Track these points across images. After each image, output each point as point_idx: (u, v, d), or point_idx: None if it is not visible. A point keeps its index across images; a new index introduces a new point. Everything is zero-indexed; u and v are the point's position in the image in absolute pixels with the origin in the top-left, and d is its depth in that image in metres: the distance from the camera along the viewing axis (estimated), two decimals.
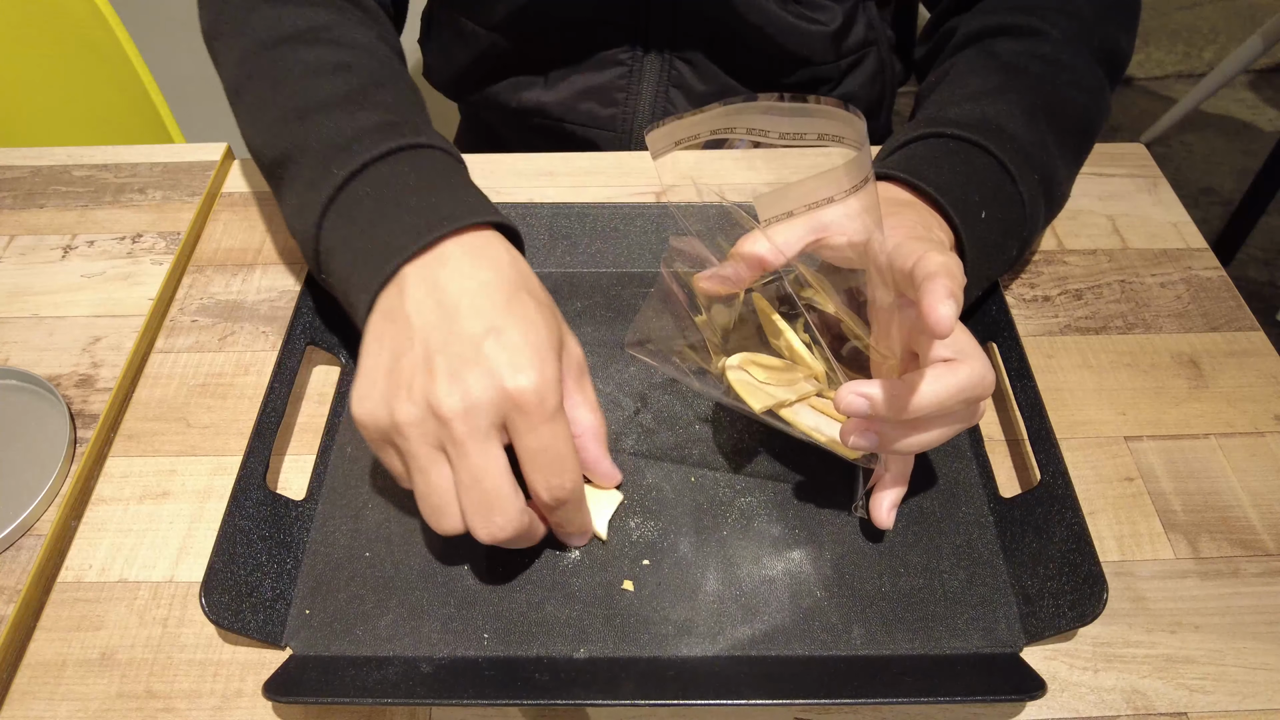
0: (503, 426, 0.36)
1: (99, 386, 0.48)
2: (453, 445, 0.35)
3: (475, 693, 0.36)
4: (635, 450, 0.46)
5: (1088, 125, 0.52)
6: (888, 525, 0.41)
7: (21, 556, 0.42)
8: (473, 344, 0.36)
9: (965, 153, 0.45)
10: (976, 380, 0.36)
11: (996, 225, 0.45)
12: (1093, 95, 0.51)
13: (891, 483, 0.41)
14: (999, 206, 0.45)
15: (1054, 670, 0.39)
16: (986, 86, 0.49)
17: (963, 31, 0.55)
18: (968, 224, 0.43)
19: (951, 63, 0.53)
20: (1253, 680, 0.39)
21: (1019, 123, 0.47)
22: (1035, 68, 0.50)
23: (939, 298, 0.33)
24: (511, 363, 0.35)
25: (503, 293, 0.38)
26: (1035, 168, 0.47)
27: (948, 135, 0.46)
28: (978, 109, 0.47)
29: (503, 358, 0.36)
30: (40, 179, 0.60)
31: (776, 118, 0.34)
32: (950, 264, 0.35)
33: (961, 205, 0.43)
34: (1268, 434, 0.47)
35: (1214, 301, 0.53)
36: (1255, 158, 1.50)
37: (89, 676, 0.39)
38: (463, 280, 0.38)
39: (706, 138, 0.35)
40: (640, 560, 0.42)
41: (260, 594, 0.39)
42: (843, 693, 0.36)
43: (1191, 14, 2.11)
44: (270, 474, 0.44)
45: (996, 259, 0.46)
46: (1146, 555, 0.42)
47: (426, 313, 0.37)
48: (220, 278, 0.55)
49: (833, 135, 0.33)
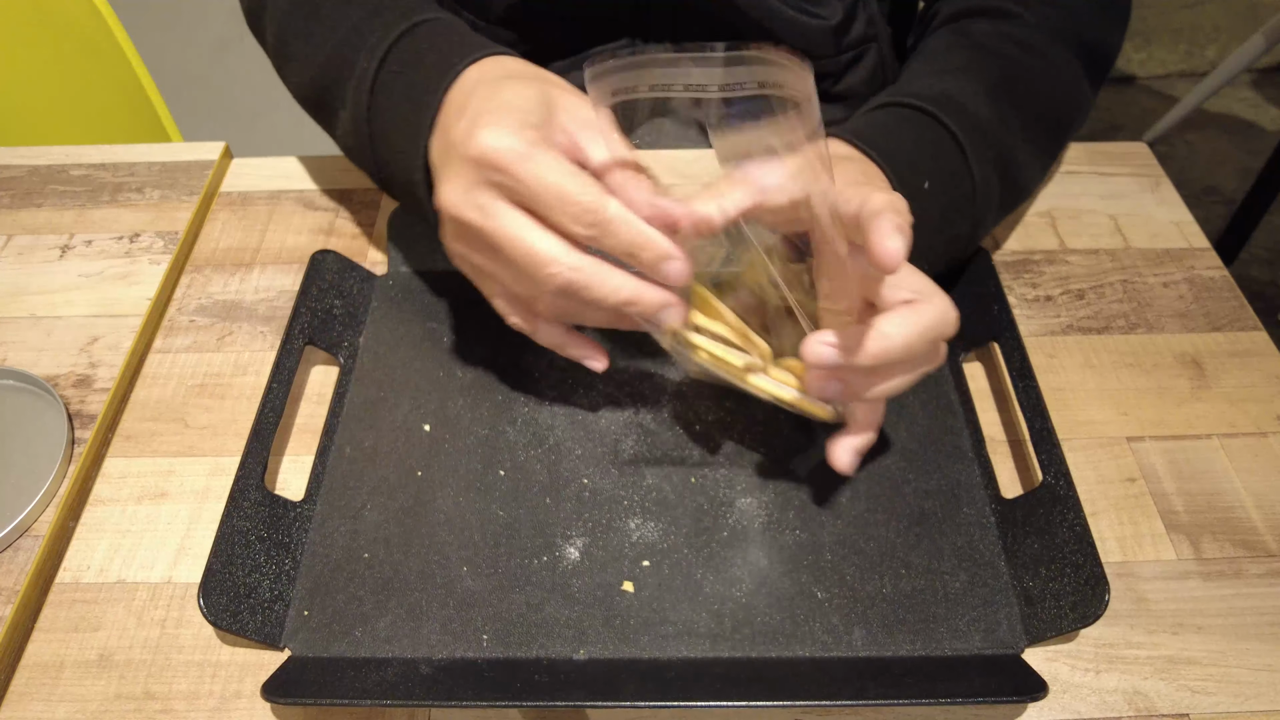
0: (508, 197, 0.37)
1: (97, 386, 0.48)
2: (479, 238, 0.38)
3: (474, 694, 0.36)
4: (635, 450, 0.46)
5: (1057, 114, 0.51)
6: (847, 470, 0.40)
7: (19, 557, 0.42)
8: (458, 143, 0.38)
9: (918, 122, 0.45)
10: (939, 317, 0.36)
11: (939, 198, 0.44)
12: (1066, 86, 0.51)
13: (858, 429, 0.40)
14: (945, 179, 0.45)
15: (1055, 671, 0.39)
16: (952, 64, 0.49)
17: (943, 14, 0.56)
18: (906, 192, 0.41)
19: (925, 42, 0.54)
20: (1255, 681, 0.38)
21: (980, 100, 0.47)
22: (1006, 49, 0.50)
23: (885, 233, 0.32)
24: (468, 134, 0.37)
25: (486, 91, 0.39)
26: (991, 145, 0.46)
27: (904, 105, 0.46)
28: (939, 83, 0.47)
29: (467, 137, 0.37)
30: (38, 178, 0.60)
31: (711, 69, 0.33)
32: (895, 200, 0.34)
33: (905, 172, 0.43)
34: (1270, 434, 0.47)
35: (1217, 301, 0.53)
36: (1258, 157, 1.50)
37: (87, 678, 0.39)
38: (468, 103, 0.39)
39: (645, 95, 0.35)
40: (640, 561, 0.42)
41: (259, 595, 0.39)
42: (843, 694, 0.36)
43: (1194, 12, 2.10)
44: (268, 475, 0.44)
45: (936, 235, 0.45)
46: (1148, 556, 0.42)
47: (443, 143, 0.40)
48: (218, 277, 0.55)
49: (774, 83, 0.32)
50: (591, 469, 0.45)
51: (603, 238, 0.36)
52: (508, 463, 0.45)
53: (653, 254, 0.36)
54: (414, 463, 0.45)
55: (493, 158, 0.36)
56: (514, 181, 0.36)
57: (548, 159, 0.36)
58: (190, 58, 1.05)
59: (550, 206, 0.36)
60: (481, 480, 0.44)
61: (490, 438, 0.46)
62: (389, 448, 0.46)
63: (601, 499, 0.44)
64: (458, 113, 0.39)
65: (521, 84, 0.39)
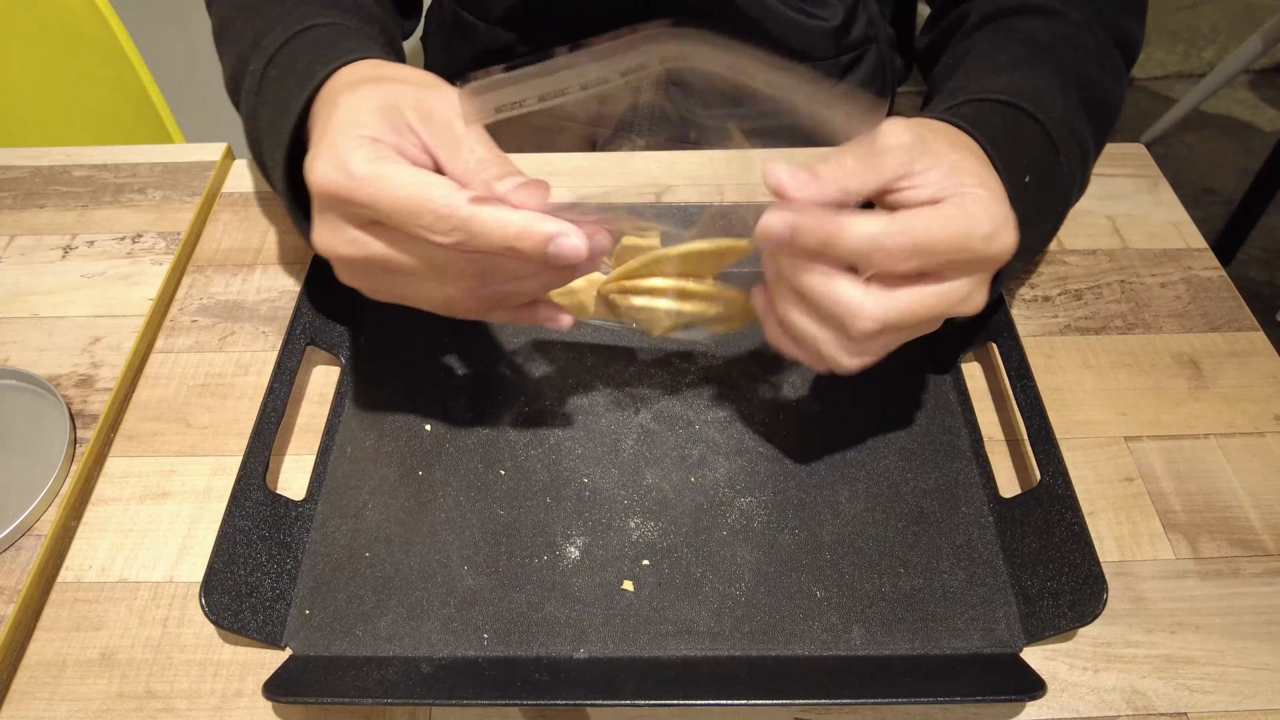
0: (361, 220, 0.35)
1: (99, 386, 0.48)
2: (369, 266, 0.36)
3: (475, 693, 0.36)
4: (635, 450, 0.46)
5: (1111, 107, 0.50)
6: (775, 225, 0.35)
7: (21, 557, 0.42)
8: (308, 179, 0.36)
9: (1012, 117, 0.43)
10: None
11: (1037, 193, 0.42)
12: (1114, 78, 0.50)
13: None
14: (1043, 175, 0.42)
15: (1054, 670, 0.39)
16: (1016, 59, 0.47)
17: (978, 13, 0.54)
18: (1013, 186, 0.38)
19: (971, 41, 0.52)
20: (1253, 680, 0.39)
21: (1055, 95, 0.45)
22: (1059, 45, 0.48)
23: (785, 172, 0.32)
24: (310, 167, 0.35)
25: (326, 110, 0.37)
26: (1076, 141, 0.45)
27: (991, 100, 0.43)
28: (1013, 80, 0.45)
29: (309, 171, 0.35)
30: (40, 179, 0.60)
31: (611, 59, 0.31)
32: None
33: (1009, 163, 0.40)
34: (1268, 434, 0.47)
35: (1214, 301, 0.53)
36: (1255, 157, 1.50)
37: (89, 677, 0.39)
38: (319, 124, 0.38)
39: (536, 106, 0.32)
40: (640, 560, 0.42)
41: (260, 594, 0.39)
42: (843, 693, 0.36)
43: (1192, 14, 2.10)
44: (270, 474, 0.44)
45: (1034, 230, 0.42)
46: (1146, 555, 0.42)
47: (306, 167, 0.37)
48: (220, 278, 0.55)
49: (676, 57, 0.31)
50: (591, 469, 0.45)
51: (473, 239, 0.33)
52: (508, 462, 0.45)
53: (533, 239, 0.33)
54: (415, 462, 0.45)
55: (333, 190, 0.34)
56: (362, 209, 0.34)
57: (389, 174, 0.33)
58: (192, 58, 1.05)
59: (405, 224, 0.34)
60: (482, 480, 0.45)
61: (490, 438, 0.46)
62: (390, 447, 0.46)
63: (601, 498, 0.44)
64: (318, 133, 0.37)
65: (360, 93, 0.36)
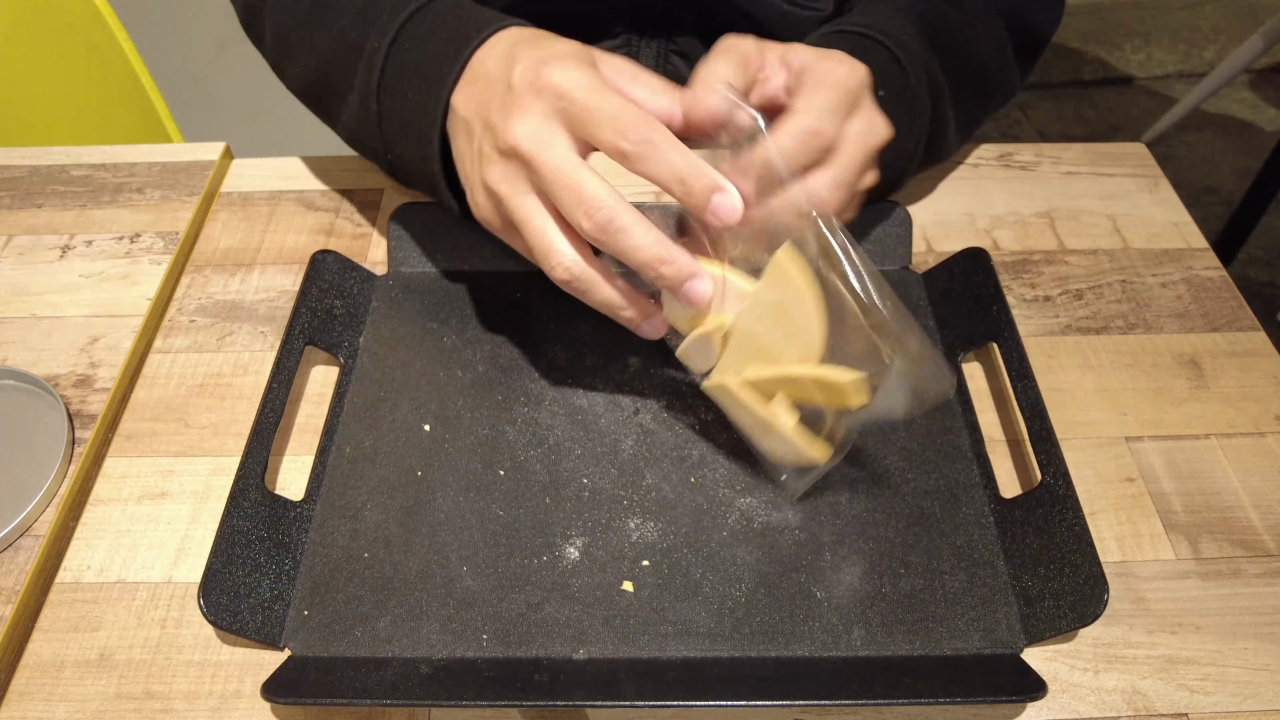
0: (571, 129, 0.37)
1: (97, 386, 0.48)
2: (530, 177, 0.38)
3: (474, 694, 0.36)
4: (635, 450, 0.46)
5: (983, 75, 0.53)
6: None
7: (19, 557, 0.42)
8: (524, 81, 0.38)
9: (862, 44, 0.47)
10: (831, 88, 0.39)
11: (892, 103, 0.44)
12: (993, 49, 0.53)
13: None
14: (891, 90, 0.45)
15: (1054, 671, 0.39)
16: (884, 9, 0.51)
17: None
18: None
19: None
20: (1254, 681, 0.38)
21: (913, 37, 0.48)
22: (936, 3, 0.52)
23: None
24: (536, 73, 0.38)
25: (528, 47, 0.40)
26: (926, 71, 0.48)
27: (843, 33, 0.48)
28: (876, 21, 0.49)
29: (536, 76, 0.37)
30: (38, 178, 0.60)
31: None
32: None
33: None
34: (1269, 434, 0.47)
35: (1215, 301, 0.53)
36: (1256, 157, 1.50)
37: (87, 677, 0.39)
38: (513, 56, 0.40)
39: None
40: (640, 560, 0.42)
41: (259, 595, 0.39)
42: (843, 694, 0.36)
43: (1192, 13, 2.10)
44: (269, 474, 0.44)
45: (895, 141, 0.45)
46: (1147, 556, 0.42)
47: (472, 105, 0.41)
48: (218, 278, 0.55)
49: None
50: (591, 469, 0.45)
51: (651, 158, 0.36)
52: (508, 463, 0.45)
53: (704, 182, 0.36)
54: (414, 463, 0.45)
55: (564, 89, 0.37)
56: (579, 109, 0.36)
57: (602, 87, 0.37)
58: (191, 58, 1.05)
59: (600, 124, 0.36)
60: (481, 480, 0.44)
61: (490, 438, 0.46)
62: (389, 448, 0.46)
63: (601, 499, 0.44)
64: (500, 67, 0.40)
65: (563, 40, 0.40)
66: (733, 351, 0.41)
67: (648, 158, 0.35)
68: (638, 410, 0.47)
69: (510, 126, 0.37)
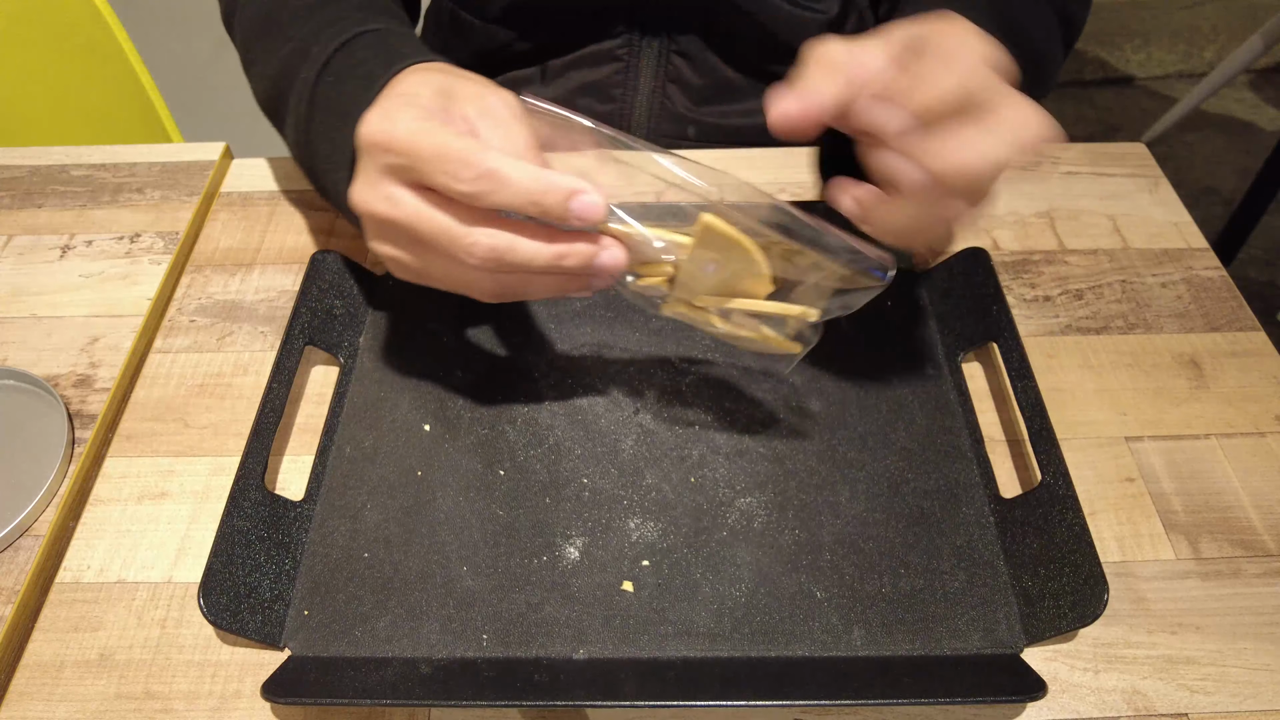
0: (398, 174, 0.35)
1: (97, 386, 0.48)
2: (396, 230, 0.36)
3: (474, 694, 0.36)
4: (635, 450, 0.46)
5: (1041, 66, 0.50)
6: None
7: (20, 557, 0.42)
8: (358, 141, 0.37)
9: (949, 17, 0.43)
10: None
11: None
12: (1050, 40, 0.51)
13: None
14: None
15: (1055, 671, 0.39)
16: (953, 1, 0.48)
17: None
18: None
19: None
20: (1254, 681, 0.38)
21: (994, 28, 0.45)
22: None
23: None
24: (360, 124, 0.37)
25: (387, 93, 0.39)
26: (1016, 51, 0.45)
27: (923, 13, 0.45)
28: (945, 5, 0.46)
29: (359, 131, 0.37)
30: (38, 179, 0.60)
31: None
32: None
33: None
34: (1269, 434, 0.47)
35: (1215, 301, 0.53)
36: (1256, 157, 1.50)
37: (87, 677, 0.39)
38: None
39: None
40: (640, 560, 0.42)
41: (259, 595, 0.39)
42: (843, 694, 0.36)
43: (1192, 13, 2.10)
44: (269, 474, 0.44)
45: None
46: (1147, 556, 0.42)
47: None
48: (218, 278, 0.55)
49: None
50: (591, 469, 0.45)
51: (496, 191, 0.33)
52: (508, 463, 0.45)
53: (557, 195, 0.34)
54: (414, 462, 0.45)
55: (377, 139, 0.35)
56: (400, 157, 0.35)
57: (430, 130, 0.34)
58: (190, 58, 1.05)
59: (432, 170, 0.34)
60: (481, 480, 0.44)
61: (490, 438, 0.46)
62: (389, 448, 0.46)
63: (601, 499, 0.44)
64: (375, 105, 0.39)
65: (423, 77, 0.38)
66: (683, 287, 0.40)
67: (494, 191, 0.33)
68: (638, 410, 0.47)
69: (351, 189, 0.38)
